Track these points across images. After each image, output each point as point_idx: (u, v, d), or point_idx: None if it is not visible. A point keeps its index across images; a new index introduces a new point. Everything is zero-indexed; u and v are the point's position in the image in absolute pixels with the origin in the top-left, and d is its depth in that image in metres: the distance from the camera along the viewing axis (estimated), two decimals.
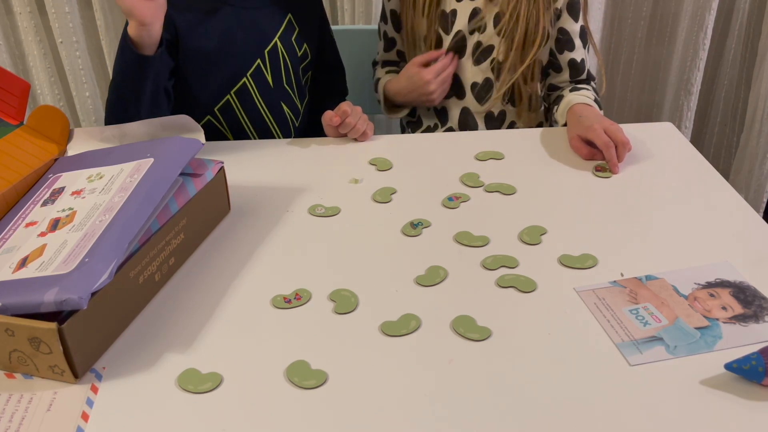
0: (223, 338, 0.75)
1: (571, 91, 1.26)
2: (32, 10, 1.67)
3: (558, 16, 1.24)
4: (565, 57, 1.27)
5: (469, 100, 1.30)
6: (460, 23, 1.25)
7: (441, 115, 1.33)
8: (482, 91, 1.29)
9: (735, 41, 1.83)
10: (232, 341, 0.75)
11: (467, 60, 1.27)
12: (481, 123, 1.32)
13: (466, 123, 1.31)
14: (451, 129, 1.33)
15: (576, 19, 1.24)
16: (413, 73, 1.25)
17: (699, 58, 1.78)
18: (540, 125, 1.36)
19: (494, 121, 1.32)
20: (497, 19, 1.23)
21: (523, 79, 1.27)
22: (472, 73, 1.28)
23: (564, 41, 1.25)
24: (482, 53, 1.26)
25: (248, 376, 0.70)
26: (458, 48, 1.26)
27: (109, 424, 0.66)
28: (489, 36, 1.25)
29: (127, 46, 1.03)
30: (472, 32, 1.25)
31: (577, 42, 1.26)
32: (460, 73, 1.28)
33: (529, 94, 1.29)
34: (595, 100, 1.24)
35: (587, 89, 1.26)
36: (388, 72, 1.38)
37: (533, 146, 1.15)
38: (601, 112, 1.20)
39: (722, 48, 1.86)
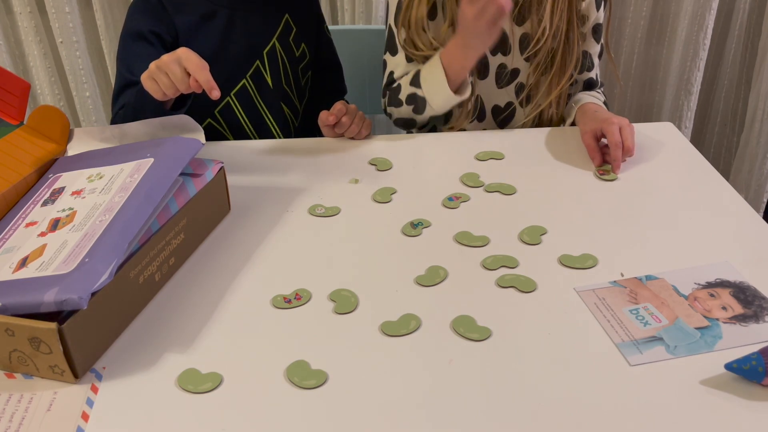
0: (223, 338, 0.75)
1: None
2: (32, 10, 1.67)
3: (583, 38, 1.20)
4: (583, 76, 1.25)
5: (489, 123, 1.27)
6: None
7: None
8: (504, 115, 1.26)
9: (735, 41, 1.83)
10: (232, 341, 0.75)
11: (490, 82, 1.22)
12: None
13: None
14: None
15: (598, 41, 1.22)
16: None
17: (699, 58, 1.78)
18: None
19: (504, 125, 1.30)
20: (524, 42, 1.18)
21: (555, 103, 1.22)
22: (495, 96, 1.24)
23: (587, 64, 1.23)
24: (507, 76, 1.22)
25: (248, 376, 0.70)
26: (479, 68, 1.21)
27: (109, 424, 0.66)
28: (513, 58, 1.20)
29: (146, 93, 0.97)
30: (495, 53, 1.20)
31: (596, 61, 1.24)
32: (482, 95, 1.24)
33: (551, 116, 1.25)
34: (604, 103, 1.23)
35: (596, 93, 1.26)
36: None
37: (533, 146, 1.15)
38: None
39: (722, 48, 1.86)
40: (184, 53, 0.91)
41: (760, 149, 1.81)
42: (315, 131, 1.28)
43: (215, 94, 0.90)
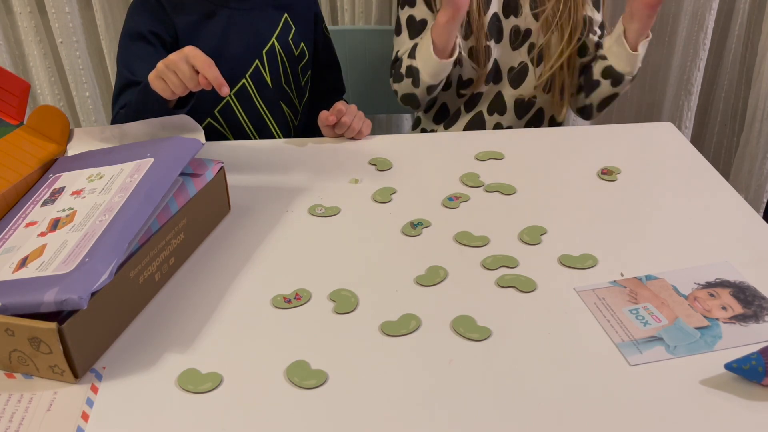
0: (223, 338, 0.75)
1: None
2: (32, 10, 1.67)
3: (583, 2, 1.25)
4: (591, 39, 1.28)
5: (505, 85, 1.30)
6: (495, 5, 1.24)
7: (474, 99, 1.32)
8: (517, 75, 1.29)
9: (735, 41, 1.82)
10: (232, 341, 0.75)
11: (505, 44, 1.27)
12: (510, 107, 1.32)
13: (496, 107, 1.32)
14: (480, 113, 1.33)
15: (598, 9, 1.27)
16: None
17: (699, 58, 1.78)
18: (565, 118, 1.37)
19: (523, 107, 1.32)
20: (533, 2, 1.24)
21: (561, 66, 1.27)
22: (510, 57, 1.28)
23: (588, 26, 1.27)
24: (520, 37, 1.26)
25: (248, 376, 0.70)
26: (495, 31, 1.26)
27: (109, 424, 0.66)
28: (525, 19, 1.25)
29: (151, 91, 0.98)
30: (507, 16, 1.25)
31: (598, 32, 1.28)
32: (499, 58, 1.28)
33: (562, 82, 1.29)
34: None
35: None
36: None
37: (533, 146, 1.15)
38: (627, 79, 1.24)
39: (722, 48, 1.86)
40: (190, 51, 0.91)
41: (760, 149, 1.80)
42: (314, 130, 1.28)
43: (225, 90, 0.90)
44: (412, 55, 1.23)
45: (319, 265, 0.87)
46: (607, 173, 1.05)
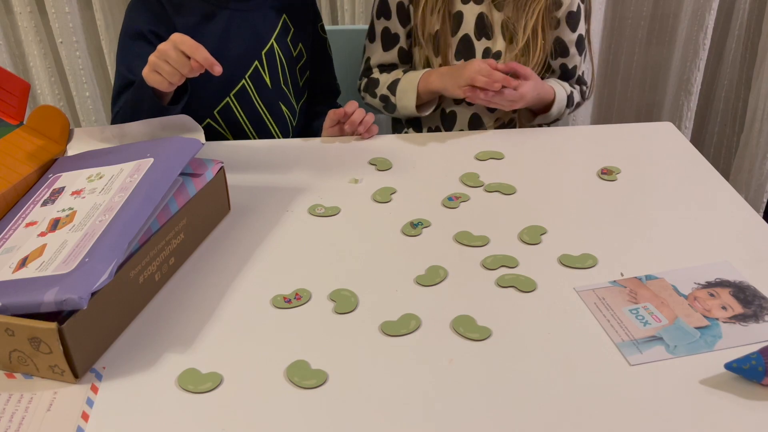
0: (223, 338, 0.75)
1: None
2: (32, 10, 1.67)
3: (557, 25, 1.25)
4: (557, 62, 1.28)
5: (480, 107, 1.28)
6: (467, 27, 1.24)
7: (448, 119, 1.31)
8: None
9: (735, 41, 1.83)
10: (232, 341, 0.75)
11: None
12: (490, 127, 1.30)
13: (476, 126, 1.30)
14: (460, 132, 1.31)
15: (573, 30, 1.25)
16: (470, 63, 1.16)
17: (699, 58, 1.78)
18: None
19: (502, 126, 1.31)
20: (504, 27, 1.23)
21: None
22: None
23: (559, 50, 1.27)
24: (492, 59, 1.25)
25: (248, 376, 0.70)
26: (465, 52, 1.25)
27: (109, 424, 0.66)
28: (497, 43, 1.25)
29: (144, 89, 0.99)
30: (479, 38, 1.24)
31: (572, 50, 1.27)
32: None
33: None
34: (569, 96, 1.26)
35: (566, 84, 1.28)
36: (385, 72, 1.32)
37: (533, 146, 1.15)
38: (566, 110, 1.27)
39: (722, 48, 1.86)
40: (177, 38, 0.91)
41: (760, 149, 1.81)
42: (308, 130, 1.28)
43: (217, 69, 0.91)
44: (392, 89, 1.26)
45: (319, 265, 0.87)
46: (607, 173, 1.05)
